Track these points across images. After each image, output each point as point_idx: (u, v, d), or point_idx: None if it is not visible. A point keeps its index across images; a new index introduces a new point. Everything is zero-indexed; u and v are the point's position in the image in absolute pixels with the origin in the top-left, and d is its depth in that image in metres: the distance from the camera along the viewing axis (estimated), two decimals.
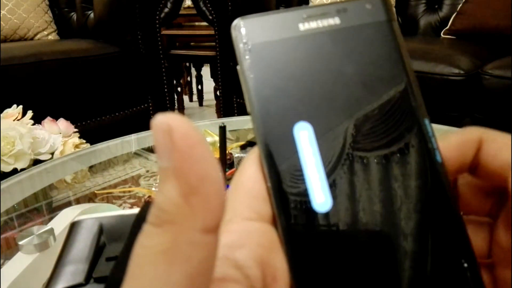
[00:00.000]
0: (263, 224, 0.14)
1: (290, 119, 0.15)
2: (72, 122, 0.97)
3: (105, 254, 0.21)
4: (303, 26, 0.16)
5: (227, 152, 0.54)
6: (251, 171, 0.15)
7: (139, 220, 0.21)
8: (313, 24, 0.16)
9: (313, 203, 0.15)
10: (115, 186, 0.77)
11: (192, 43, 2.70)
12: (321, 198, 0.15)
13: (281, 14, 0.16)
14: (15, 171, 0.79)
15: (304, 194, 0.15)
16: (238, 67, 0.16)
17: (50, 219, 0.59)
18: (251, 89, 0.15)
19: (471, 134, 0.16)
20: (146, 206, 0.22)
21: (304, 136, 0.15)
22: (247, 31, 0.16)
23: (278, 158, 0.15)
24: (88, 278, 0.20)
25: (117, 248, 0.20)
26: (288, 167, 0.15)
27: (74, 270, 0.21)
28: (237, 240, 0.13)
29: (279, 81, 0.16)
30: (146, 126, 1.49)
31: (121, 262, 0.19)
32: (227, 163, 0.56)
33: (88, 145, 0.94)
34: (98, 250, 0.22)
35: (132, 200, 0.68)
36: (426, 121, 0.16)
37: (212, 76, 2.48)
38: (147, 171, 0.82)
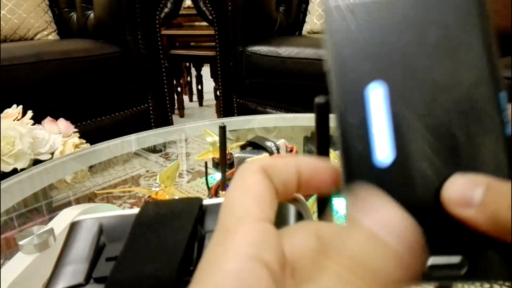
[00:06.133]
0: (273, 225, 0.15)
1: (365, 77, 0.16)
2: (72, 122, 0.97)
3: (105, 254, 0.21)
4: None
5: (227, 152, 0.54)
6: (257, 178, 0.16)
7: (139, 220, 0.21)
8: None
9: (374, 157, 0.16)
10: (115, 186, 0.77)
11: (192, 43, 2.70)
12: (382, 154, 0.16)
13: None
14: (15, 171, 0.79)
15: (368, 147, 0.16)
16: (324, 25, 0.17)
17: (50, 219, 0.59)
18: (331, 47, 0.17)
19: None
20: (146, 206, 0.22)
21: (377, 95, 0.16)
22: None
23: (350, 112, 0.16)
24: (88, 278, 0.20)
25: (117, 248, 0.20)
26: (358, 121, 0.16)
27: (74, 270, 0.21)
28: (261, 241, 0.14)
29: (359, 41, 0.17)
30: (146, 126, 1.49)
31: (121, 262, 0.19)
32: (227, 163, 0.55)
33: (88, 145, 0.94)
34: (98, 250, 0.22)
35: (132, 200, 0.68)
36: (502, 94, 0.16)
37: (212, 76, 2.49)
38: (147, 171, 0.82)
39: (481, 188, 0.15)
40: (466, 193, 0.15)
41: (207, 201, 0.23)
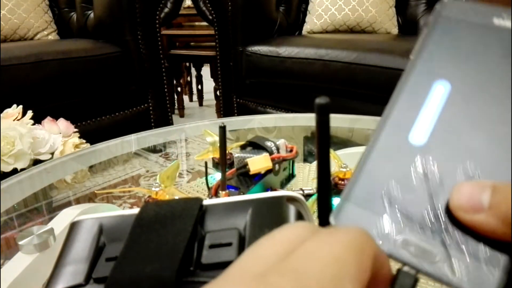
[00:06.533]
0: None
1: (439, 74, 0.18)
2: (72, 122, 0.97)
3: (105, 254, 0.21)
4: (497, 21, 0.18)
5: (227, 152, 0.54)
6: (369, 266, 0.14)
7: (139, 221, 0.21)
8: (507, 23, 0.18)
9: (409, 135, 0.18)
10: (115, 186, 0.77)
11: (192, 43, 2.70)
12: (417, 136, 0.17)
13: (483, 6, 0.19)
14: (15, 171, 0.79)
15: (408, 125, 0.18)
16: (429, 21, 0.20)
17: (50, 219, 0.59)
18: (423, 40, 0.19)
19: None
20: (146, 206, 0.22)
21: (439, 91, 0.18)
22: (448, 5, 0.19)
23: (409, 98, 0.18)
24: (88, 278, 0.20)
25: (117, 248, 0.20)
26: (410, 103, 0.18)
27: (73, 271, 0.21)
28: None
29: (449, 46, 0.19)
30: (146, 126, 1.49)
31: (120, 263, 0.19)
32: (227, 163, 0.55)
33: (88, 145, 0.94)
34: (98, 250, 0.22)
35: (132, 200, 0.68)
36: None
37: (212, 76, 2.48)
38: (147, 171, 0.82)
39: (487, 191, 0.15)
40: (474, 197, 0.15)
41: (207, 201, 0.23)
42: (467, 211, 0.15)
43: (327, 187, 0.18)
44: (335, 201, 0.18)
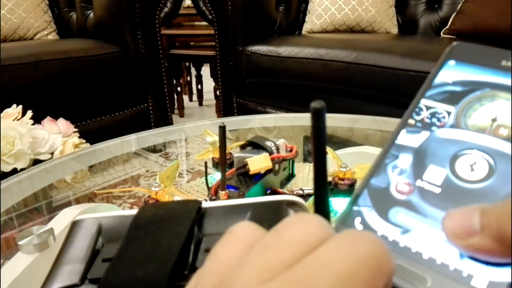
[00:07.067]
0: None
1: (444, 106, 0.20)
2: (72, 122, 0.97)
3: (101, 255, 0.21)
4: (505, 63, 0.19)
5: (227, 152, 0.54)
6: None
7: (136, 222, 0.21)
8: None
9: (392, 190, 0.19)
10: (115, 186, 0.77)
11: (192, 43, 2.70)
12: (403, 188, 0.19)
13: (492, 48, 0.20)
14: (15, 171, 0.79)
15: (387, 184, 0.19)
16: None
17: (50, 219, 0.59)
18: (424, 89, 0.20)
19: None
20: (144, 208, 0.22)
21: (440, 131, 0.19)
22: (457, 49, 0.20)
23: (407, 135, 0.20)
24: (83, 279, 0.20)
25: (114, 249, 0.20)
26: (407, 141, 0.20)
27: (70, 270, 0.21)
28: None
29: (457, 86, 0.20)
30: (146, 126, 1.49)
31: (114, 265, 0.19)
32: (227, 163, 0.55)
33: (88, 145, 0.94)
34: (95, 250, 0.22)
35: (132, 200, 0.68)
36: None
37: (212, 76, 2.48)
38: (147, 171, 0.82)
39: (476, 214, 0.15)
40: (465, 222, 0.15)
41: (206, 204, 0.22)
42: (462, 237, 0.15)
43: (324, 188, 0.18)
44: (334, 201, 0.18)
